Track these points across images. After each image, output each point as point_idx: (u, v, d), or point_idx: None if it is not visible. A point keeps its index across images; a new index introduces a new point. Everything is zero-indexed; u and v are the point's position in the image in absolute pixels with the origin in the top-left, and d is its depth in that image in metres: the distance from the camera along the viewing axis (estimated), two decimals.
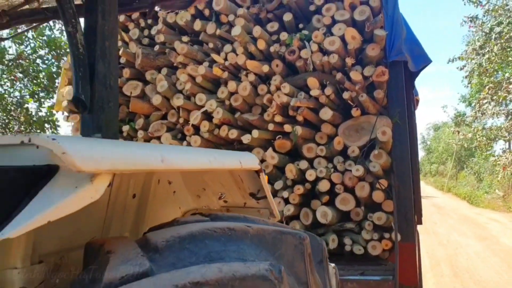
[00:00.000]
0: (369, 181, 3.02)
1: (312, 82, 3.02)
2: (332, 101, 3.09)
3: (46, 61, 7.69)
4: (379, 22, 2.97)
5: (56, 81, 7.64)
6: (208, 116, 3.34)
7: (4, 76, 7.79)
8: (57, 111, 3.92)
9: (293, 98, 3.04)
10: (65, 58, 7.73)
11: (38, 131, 7.52)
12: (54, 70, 7.67)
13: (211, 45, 3.37)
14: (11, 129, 7.77)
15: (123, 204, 1.44)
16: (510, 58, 12.51)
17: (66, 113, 3.79)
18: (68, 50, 8.38)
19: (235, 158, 1.34)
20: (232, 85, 3.22)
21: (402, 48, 3.08)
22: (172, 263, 0.89)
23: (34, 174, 0.76)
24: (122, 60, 3.63)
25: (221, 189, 1.73)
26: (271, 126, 3.17)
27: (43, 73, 7.73)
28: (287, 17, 3.19)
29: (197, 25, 3.36)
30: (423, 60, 3.38)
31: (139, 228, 1.56)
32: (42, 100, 7.98)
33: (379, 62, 3.06)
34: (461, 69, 15.10)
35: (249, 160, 1.43)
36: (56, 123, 7.72)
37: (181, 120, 3.42)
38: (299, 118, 3.09)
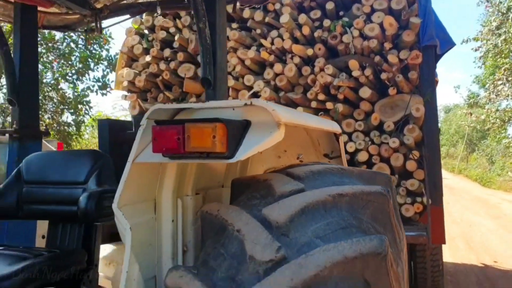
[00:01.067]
0: (402, 152, 3.50)
1: (353, 64, 3.48)
2: (370, 81, 3.56)
3: (80, 45, 8.17)
4: (414, 11, 3.40)
5: (87, 63, 8.11)
6: (254, 95, 3.82)
7: (42, 60, 8.29)
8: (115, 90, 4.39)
9: (335, 78, 3.51)
10: (99, 41, 8.18)
11: (72, 111, 8.07)
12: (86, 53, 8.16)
13: (258, 31, 3.82)
14: (45, 109, 8.32)
15: None
16: None
17: (125, 93, 4.28)
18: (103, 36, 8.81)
19: (329, 124, 1.83)
20: (278, 67, 3.69)
21: (433, 33, 3.51)
22: (312, 186, 1.39)
23: (242, 125, 1.25)
24: (176, 44, 4.09)
25: (299, 150, 2.22)
26: (314, 104, 3.64)
27: (75, 56, 8.22)
28: (330, 5, 3.62)
29: (246, 13, 3.80)
30: (447, 43, 3.82)
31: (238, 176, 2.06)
32: (76, 82, 8.52)
33: (413, 46, 3.50)
34: (476, 50, 15.35)
35: (334, 126, 1.93)
36: (89, 104, 8.28)
37: (230, 99, 3.90)
38: (340, 97, 3.56)
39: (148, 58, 4.13)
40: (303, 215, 1.20)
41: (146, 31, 4.26)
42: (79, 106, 8.19)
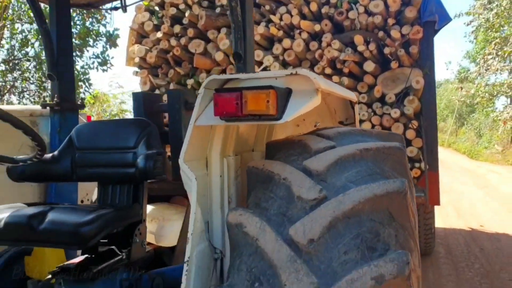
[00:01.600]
0: (403, 122, 3.80)
1: (358, 39, 3.71)
2: (374, 55, 3.80)
3: (77, 21, 8.13)
4: None
5: (86, 40, 8.15)
6: (264, 69, 4.04)
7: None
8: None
9: (341, 53, 3.74)
10: (97, 16, 8.17)
11: None
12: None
13: (267, 7, 4.00)
14: (44, 87, 8.39)
15: (266, 126, 2.20)
16: None
17: (136, 69, 4.46)
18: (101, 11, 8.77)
19: (348, 92, 2.09)
20: (286, 42, 3.90)
21: (433, 9, 3.74)
22: (341, 143, 1.65)
23: (286, 92, 1.49)
24: (185, 21, 4.25)
25: (317, 119, 2.48)
26: None
27: (73, 32, 8.23)
28: None
29: None
30: (445, 19, 4.06)
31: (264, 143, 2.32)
32: (76, 58, 8.54)
33: (414, 22, 3.74)
34: (468, 24, 15.58)
35: (352, 94, 2.18)
36: (89, 81, 8.34)
37: None
38: (346, 70, 3.81)
39: (159, 35, 4.29)
40: (337, 165, 1.47)
41: (156, 8, 4.40)
42: (80, 84, 8.25)
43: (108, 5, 3.08)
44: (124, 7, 2.84)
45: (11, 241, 1.82)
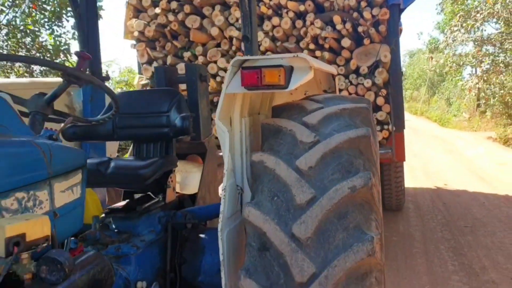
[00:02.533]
0: (374, 90, 4.60)
1: (337, 19, 4.42)
2: (349, 33, 4.53)
3: None
4: None
5: (68, 9, 8.28)
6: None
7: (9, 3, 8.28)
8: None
9: (323, 30, 4.45)
10: None
11: (50, 59, 8.22)
12: None
13: None
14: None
15: (269, 95, 2.90)
16: None
17: (134, 42, 5.00)
18: None
19: (330, 67, 2.83)
20: (275, 20, 4.56)
21: None
22: (327, 105, 2.40)
23: (289, 69, 2.20)
24: None
25: (306, 88, 3.20)
26: (305, 52, 4.58)
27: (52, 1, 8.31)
28: None
29: None
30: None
31: (267, 108, 3.03)
32: (55, 28, 8.63)
33: (382, 4, 4.47)
34: None
35: (333, 69, 2.92)
36: (69, 52, 8.52)
37: (233, 48, 4.75)
38: (326, 46, 4.53)
39: (157, 10, 4.82)
40: (325, 120, 2.22)
41: None
42: (61, 55, 8.42)
43: None
44: None
45: None
